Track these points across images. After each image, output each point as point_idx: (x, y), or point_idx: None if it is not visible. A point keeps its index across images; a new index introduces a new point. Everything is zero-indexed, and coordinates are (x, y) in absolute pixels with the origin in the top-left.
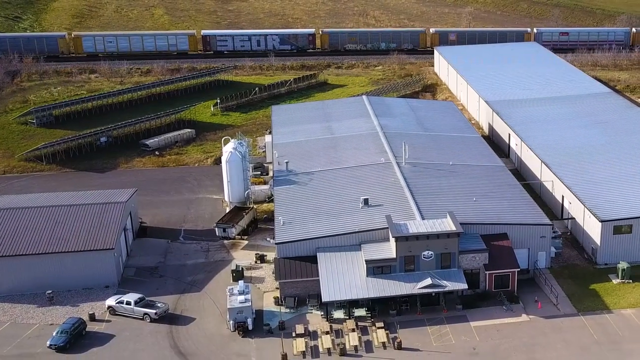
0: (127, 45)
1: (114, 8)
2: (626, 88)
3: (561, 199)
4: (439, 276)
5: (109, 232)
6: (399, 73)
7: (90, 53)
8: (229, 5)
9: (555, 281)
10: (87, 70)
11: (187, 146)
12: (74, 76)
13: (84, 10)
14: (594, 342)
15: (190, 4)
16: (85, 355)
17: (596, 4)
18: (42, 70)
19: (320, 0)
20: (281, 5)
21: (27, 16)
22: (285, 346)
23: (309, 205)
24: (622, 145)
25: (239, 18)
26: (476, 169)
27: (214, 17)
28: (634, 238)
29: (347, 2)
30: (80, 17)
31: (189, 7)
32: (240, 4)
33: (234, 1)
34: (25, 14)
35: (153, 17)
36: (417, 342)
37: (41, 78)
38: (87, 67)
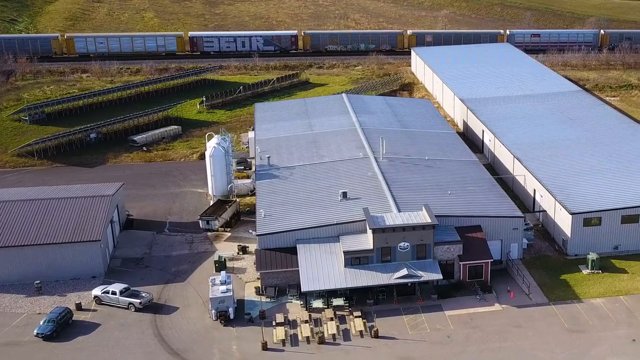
0: (117, 46)
1: (106, 11)
2: (595, 87)
3: (533, 193)
4: (415, 267)
5: (95, 224)
6: (377, 73)
7: (82, 53)
8: (216, 9)
9: (527, 272)
10: (79, 69)
11: (173, 142)
12: (66, 75)
13: (77, 13)
14: (565, 330)
15: (179, 8)
16: (71, 344)
17: (566, 8)
18: (35, 70)
19: (303, 4)
20: (266, 8)
21: (22, 19)
22: (265, 335)
23: (290, 198)
24: (591, 141)
25: (225, 21)
26: (451, 164)
27: (201, 20)
28: (603, 230)
29: (329, 6)
30: (74, 20)
31: (178, 11)
32: (227, 8)
33: (221, 5)
34: (21, 17)
35: (143, 20)
36: (394, 331)
37: (35, 77)
38: (79, 67)
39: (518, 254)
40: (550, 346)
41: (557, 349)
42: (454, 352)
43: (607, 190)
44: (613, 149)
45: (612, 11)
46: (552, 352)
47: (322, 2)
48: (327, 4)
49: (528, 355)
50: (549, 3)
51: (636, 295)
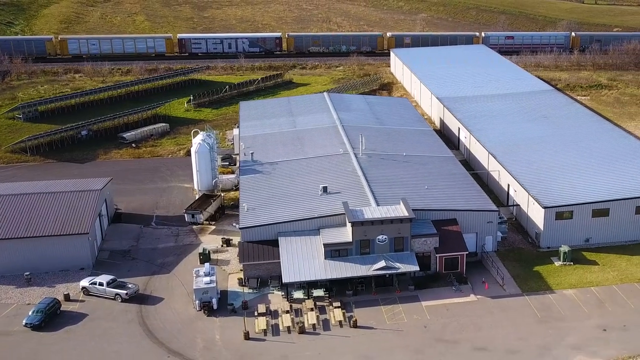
0: (109, 47)
1: (99, 15)
2: (566, 87)
3: (507, 187)
4: (393, 259)
5: (84, 217)
6: (358, 73)
7: (75, 55)
8: (204, 13)
9: (501, 263)
10: (72, 70)
11: (161, 139)
12: (59, 76)
13: (72, 17)
14: (538, 320)
15: (169, 11)
16: (58, 334)
17: (538, 12)
18: (30, 70)
19: (287, 8)
20: (252, 12)
21: (18, 21)
22: (247, 325)
23: (272, 192)
24: (563, 138)
25: (213, 24)
26: (428, 160)
27: (190, 23)
28: (574, 223)
29: (312, 10)
30: (68, 23)
31: (168, 14)
32: (215, 12)
33: (209, 9)
34: (17, 20)
35: (135, 23)
36: (372, 321)
37: (29, 77)
38: (72, 67)
39: (492, 246)
40: (523, 335)
41: (530, 338)
42: (431, 341)
43: (578, 185)
44: (584, 146)
45: (583, 15)
46: (526, 342)
47: (306, 6)
48: (311, 7)
49: (502, 344)
50: (522, 7)
51: (606, 286)
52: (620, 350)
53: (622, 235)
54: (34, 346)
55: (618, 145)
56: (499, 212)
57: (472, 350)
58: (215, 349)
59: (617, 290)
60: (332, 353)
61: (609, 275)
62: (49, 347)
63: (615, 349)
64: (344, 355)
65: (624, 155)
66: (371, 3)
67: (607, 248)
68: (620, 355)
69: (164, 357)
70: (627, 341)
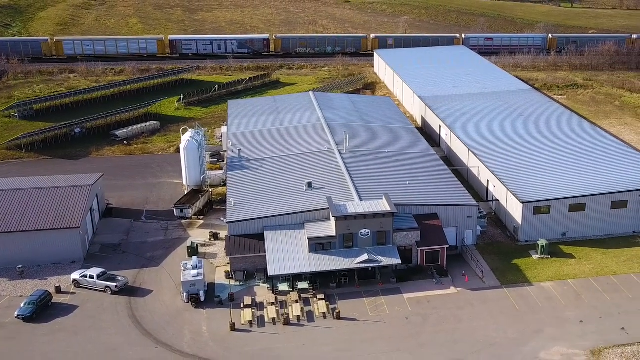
0: (102, 48)
1: (94, 17)
2: (544, 86)
3: (486, 183)
4: (375, 252)
5: (75, 212)
6: (343, 73)
7: (70, 55)
8: (195, 15)
9: (480, 257)
10: (66, 70)
11: (152, 136)
12: (55, 75)
13: (67, 19)
14: (516, 312)
15: (162, 14)
16: (49, 325)
17: (517, 14)
18: (26, 71)
19: (275, 11)
20: (241, 15)
21: (16, 24)
22: (234, 316)
23: (258, 188)
24: (541, 135)
25: (203, 26)
26: (410, 156)
27: (181, 26)
28: (552, 218)
29: (299, 13)
30: (64, 25)
31: (160, 17)
32: (205, 14)
33: (199, 12)
34: (15, 22)
35: (128, 26)
36: (355, 312)
37: (26, 77)
38: (66, 67)
39: (472, 240)
40: (502, 327)
41: (509, 329)
42: (412, 332)
43: (555, 181)
44: (561, 143)
45: (559, 18)
46: (505, 333)
47: (293, 9)
48: (298, 11)
49: (482, 336)
50: (501, 10)
51: (583, 279)
52: (597, 341)
53: (598, 229)
54: (26, 337)
55: (594, 143)
56: (479, 207)
57: (452, 341)
58: (202, 340)
59: (593, 282)
60: (315, 344)
61: (585, 268)
62: (40, 338)
63: (592, 340)
64: (327, 346)
65: (599, 152)
66: (356, 6)
67: (584, 242)
68: (597, 346)
69: (152, 347)
70: (604, 332)
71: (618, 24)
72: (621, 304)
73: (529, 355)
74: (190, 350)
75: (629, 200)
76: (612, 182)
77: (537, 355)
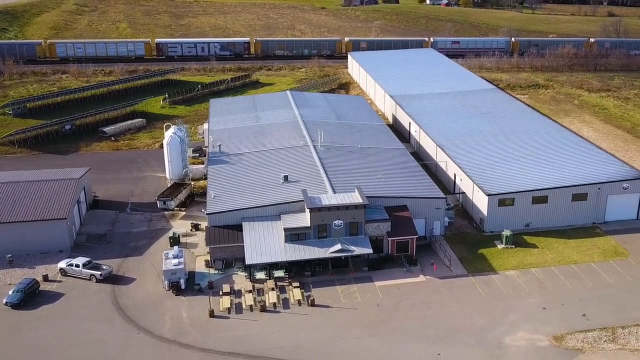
0: (93, 50)
1: (86, 22)
2: (507, 86)
3: (453, 177)
4: (348, 242)
5: (62, 204)
6: (318, 74)
7: (63, 57)
8: (181, 21)
9: (448, 246)
10: (59, 71)
11: (138, 133)
12: (48, 76)
13: (61, 24)
14: (482, 299)
15: (150, 19)
16: (36, 312)
17: (481, 20)
18: (21, 71)
19: (256, 17)
20: (224, 20)
21: (12, 28)
22: (212, 303)
23: (237, 181)
24: (505, 132)
25: (189, 30)
26: (381, 151)
27: (168, 30)
28: (515, 209)
29: (278, 18)
30: (58, 29)
31: (148, 22)
32: (191, 20)
33: (185, 17)
34: (11, 27)
35: (118, 30)
36: (328, 300)
37: (20, 78)
38: (59, 68)
39: (440, 230)
40: (469, 313)
41: (475, 316)
42: (383, 319)
43: (519, 175)
44: (524, 139)
45: (521, 23)
46: (471, 319)
47: (273, 15)
48: (277, 16)
49: (449, 322)
50: (466, 16)
51: (545, 267)
52: (559, 327)
53: (560, 220)
54: (13, 324)
55: (555, 139)
56: (446, 199)
57: (421, 327)
58: (182, 326)
59: (555, 271)
60: (291, 330)
61: (547, 258)
62: (27, 325)
63: (554, 326)
64: (302, 331)
65: (560, 148)
66: (332, 12)
67: (546, 232)
68: (559, 332)
69: (134, 333)
70: (565, 318)
71: (576, 29)
72: (582, 292)
73: (495, 340)
74: (171, 335)
75: (589, 192)
76: (572, 176)
77: (502, 340)
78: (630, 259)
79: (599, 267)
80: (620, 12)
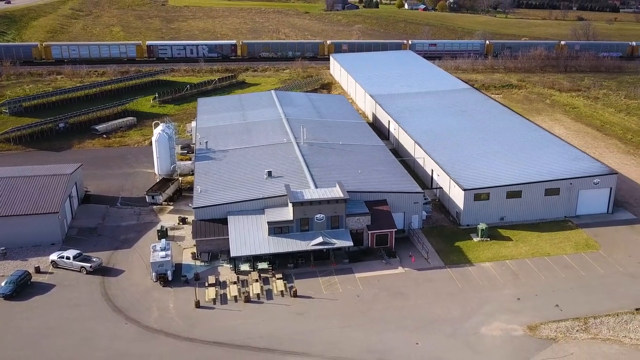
0: (87, 52)
1: (81, 26)
2: (482, 86)
3: (431, 172)
4: (329, 235)
5: (54, 198)
6: (302, 75)
7: (58, 59)
8: (171, 25)
9: (426, 239)
10: (54, 72)
11: (129, 131)
12: (43, 77)
13: (57, 27)
14: (459, 290)
15: (141, 23)
16: (28, 303)
17: (457, 24)
18: (18, 72)
19: (242, 21)
20: (212, 24)
21: (10, 31)
22: (198, 294)
23: (223, 176)
24: (480, 129)
25: (179, 34)
26: (361, 148)
27: (159, 33)
28: (490, 204)
29: (264, 22)
30: (54, 33)
31: (140, 26)
32: (181, 24)
33: (175, 21)
34: (10, 30)
35: (112, 33)
36: (310, 291)
37: (17, 78)
38: (54, 69)
39: (418, 224)
40: (446, 304)
41: (452, 306)
42: (363, 309)
43: (494, 170)
44: (499, 136)
45: (495, 26)
46: (448, 310)
47: (259, 19)
48: (263, 20)
49: (427, 312)
50: (443, 20)
51: (520, 259)
52: (533, 317)
53: (533, 214)
54: (5, 314)
55: (528, 136)
56: (424, 194)
57: (400, 317)
58: (168, 316)
59: (529, 263)
60: (274, 319)
61: (521, 250)
62: (18, 315)
63: (528, 316)
64: (284, 321)
65: (533, 145)
66: (315, 17)
67: (520, 226)
68: (533, 322)
69: (122, 323)
70: (539, 309)
71: (548, 32)
72: (555, 283)
73: (471, 330)
74: (158, 325)
75: (561, 187)
76: (545, 171)
77: (478, 330)
78: (601, 251)
79: (571, 259)
80: (589, 16)
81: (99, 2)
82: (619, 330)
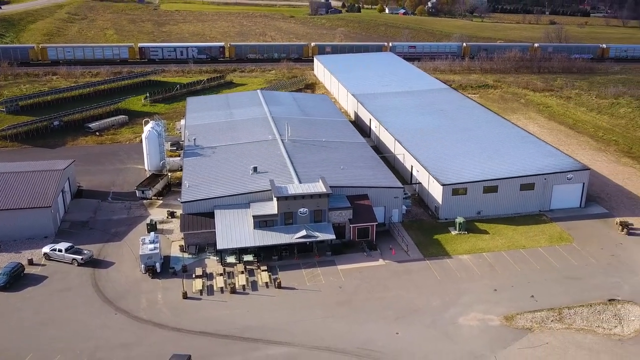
0: (81, 54)
1: (77, 29)
2: (459, 86)
3: (410, 168)
4: (313, 228)
5: (47, 193)
6: (287, 75)
7: (53, 60)
8: (163, 28)
9: (406, 232)
10: (50, 72)
11: (121, 128)
12: (40, 77)
13: (54, 30)
14: (438, 281)
15: (134, 27)
16: (21, 294)
17: (435, 27)
18: (15, 73)
19: (231, 25)
20: (202, 28)
21: (9, 34)
22: (186, 286)
23: (210, 172)
24: (458, 127)
25: (170, 37)
26: (344, 145)
27: (151, 36)
28: (468, 198)
29: (251, 26)
30: (50, 35)
31: (133, 29)
32: (172, 27)
33: (167, 25)
34: (8, 33)
35: (106, 36)
36: (294, 282)
37: (14, 79)
38: (50, 70)
39: (398, 218)
40: (425, 295)
41: (431, 297)
42: (345, 300)
43: (471, 166)
44: (475, 134)
45: (472, 30)
46: (427, 300)
47: (246, 23)
48: (250, 24)
49: (407, 303)
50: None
51: (496, 252)
52: (509, 307)
53: (509, 208)
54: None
55: (504, 133)
56: (404, 189)
57: (381, 308)
58: (157, 307)
59: (505, 255)
60: (259, 310)
61: (498, 243)
62: (11, 306)
63: (505, 307)
64: (269, 312)
65: (509, 142)
66: (300, 21)
67: (496, 219)
68: (509, 312)
69: (111, 314)
70: (515, 300)
71: (522, 35)
72: (530, 274)
73: (449, 320)
74: (146, 316)
75: (536, 182)
76: (520, 167)
77: (456, 320)
78: (575, 244)
79: (546, 252)
80: (562, 20)
81: (94, 7)
82: (592, 320)
